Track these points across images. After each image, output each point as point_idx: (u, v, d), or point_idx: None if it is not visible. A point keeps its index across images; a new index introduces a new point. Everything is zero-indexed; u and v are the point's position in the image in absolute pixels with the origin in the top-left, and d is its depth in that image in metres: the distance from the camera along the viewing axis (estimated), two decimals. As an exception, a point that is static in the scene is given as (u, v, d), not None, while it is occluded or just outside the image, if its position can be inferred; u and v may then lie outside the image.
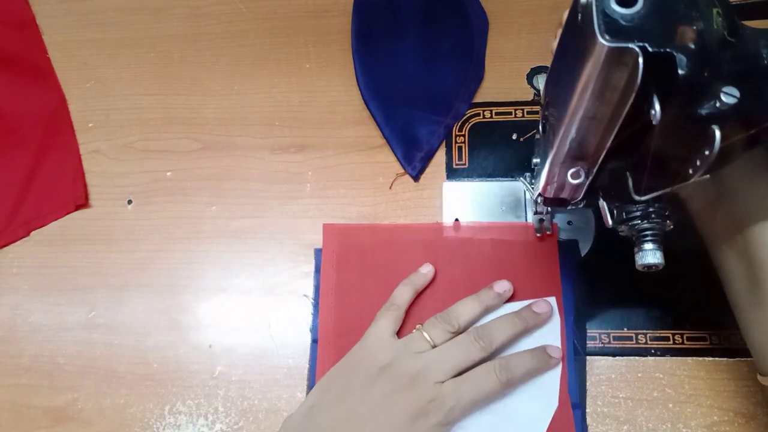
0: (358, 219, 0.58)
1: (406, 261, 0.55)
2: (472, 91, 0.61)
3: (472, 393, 0.46)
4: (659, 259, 0.38)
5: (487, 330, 0.49)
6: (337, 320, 0.54)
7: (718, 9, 0.30)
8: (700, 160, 0.30)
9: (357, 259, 0.56)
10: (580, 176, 0.38)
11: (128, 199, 0.61)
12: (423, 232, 0.56)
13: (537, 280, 0.53)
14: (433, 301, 0.53)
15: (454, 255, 0.55)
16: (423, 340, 0.48)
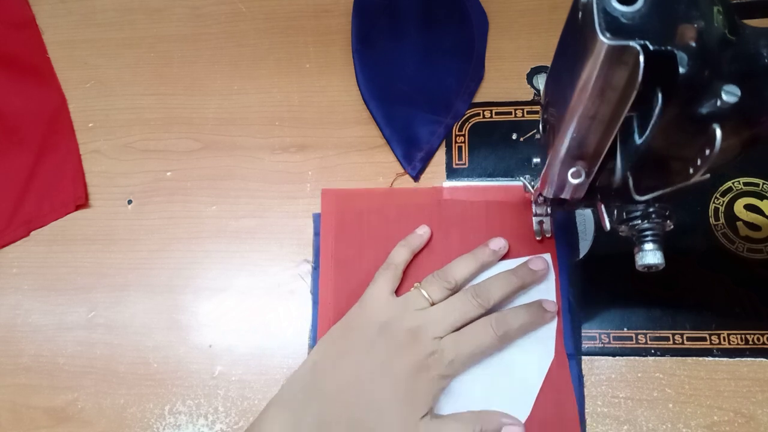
0: (358, 219, 0.58)
1: (404, 224, 0.56)
2: (472, 91, 0.61)
3: (470, 347, 0.48)
4: (659, 260, 0.38)
5: (484, 287, 0.50)
6: (337, 283, 0.55)
7: (718, 8, 0.30)
8: (700, 159, 0.30)
9: (355, 223, 0.57)
10: (581, 176, 0.38)
11: (128, 199, 0.61)
12: (420, 195, 0.57)
13: (532, 238, 0.54)
14: (430, 262, 0.54)
15: (450, 217, 0.56)
16: (421, 298, 0.50)
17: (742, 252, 0.52)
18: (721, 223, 0.53)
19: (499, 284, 0.50)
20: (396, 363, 0.47)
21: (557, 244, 0.53)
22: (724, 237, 0.53)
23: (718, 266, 0.52)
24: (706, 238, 0.53)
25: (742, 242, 0.53)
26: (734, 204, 0.54)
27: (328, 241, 0.57)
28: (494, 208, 0.56)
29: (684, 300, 0.51)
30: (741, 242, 0.53)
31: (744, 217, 0.53)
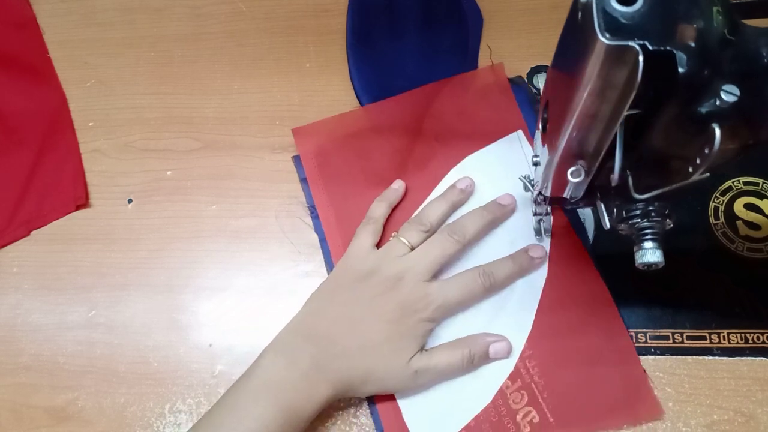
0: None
1: (382, 141, 0.58)
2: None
3: (457, 294, 0.50)
4: (659, 258, 0.38)
5: (458, 224, 0.53)
6: (339, 219, 0.57)
7: (718, 7, 0.30)
8: (700, 158, 0.30)
9: (336, 152, 0.59)
10: (580, 175, 0.38)
11: (128, 199, 0.61)
12: (388, 108, 0.59)
13: (502, 120, 0.58)
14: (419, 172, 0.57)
15: (421, 120, 0.59)
16: (401, 245, 0.52)
17: (741, 251, 0.52)
18: (721, 222, 0.53)
19: (473, 219, 0.53)
20: (383, 306, 0.49)
21: (526, 120, 0.58)
22: (723, 236, 0.53)
23: (718, 265, 0.52)
24: (705, 237, 0.53)
25: (742, 241, 0.53)
26: (734, 203, 0.54)
27: (317, 181, 0.58)
28: (458, 100, 0.59)
29: (684, 299, 0.51)
30: (741, 241, 0.53)
31: (744, 216, 0.53)
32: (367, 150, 0.58)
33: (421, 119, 0.59)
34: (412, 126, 0.59)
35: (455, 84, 0.60)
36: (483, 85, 0.59)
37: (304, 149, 0.59)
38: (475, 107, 0.59)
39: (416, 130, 0.59)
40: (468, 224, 0.52)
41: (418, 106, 0.59)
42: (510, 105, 0.59)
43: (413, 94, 0.60)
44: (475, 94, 0.59)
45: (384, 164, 0.58)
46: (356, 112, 0.60)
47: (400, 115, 0.59)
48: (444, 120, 0.59)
